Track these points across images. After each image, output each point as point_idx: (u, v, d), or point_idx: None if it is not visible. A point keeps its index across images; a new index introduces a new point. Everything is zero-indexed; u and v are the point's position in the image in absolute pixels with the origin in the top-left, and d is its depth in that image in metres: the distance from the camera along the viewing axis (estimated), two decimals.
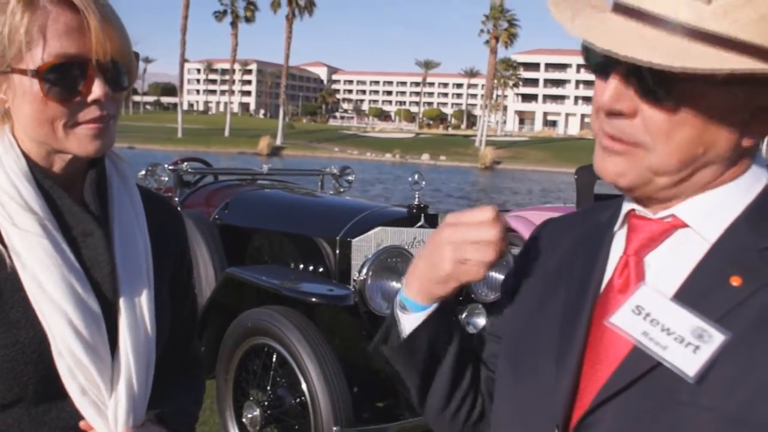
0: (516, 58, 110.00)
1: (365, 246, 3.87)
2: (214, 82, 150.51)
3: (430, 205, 4.16)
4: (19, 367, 1.09)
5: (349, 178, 5.89)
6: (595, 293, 0.98)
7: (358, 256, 3.86)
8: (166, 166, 4.99)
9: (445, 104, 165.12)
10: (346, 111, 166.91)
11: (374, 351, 1.13)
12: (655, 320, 0.88)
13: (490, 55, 65.67)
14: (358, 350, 3.67)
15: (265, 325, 3.61)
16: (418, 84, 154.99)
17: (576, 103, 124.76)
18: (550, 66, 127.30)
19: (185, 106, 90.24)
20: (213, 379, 3.95)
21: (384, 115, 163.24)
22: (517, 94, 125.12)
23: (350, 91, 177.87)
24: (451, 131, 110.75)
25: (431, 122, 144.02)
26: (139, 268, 1.22)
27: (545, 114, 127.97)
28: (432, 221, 4.02)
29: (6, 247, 1.10)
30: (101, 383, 1.13)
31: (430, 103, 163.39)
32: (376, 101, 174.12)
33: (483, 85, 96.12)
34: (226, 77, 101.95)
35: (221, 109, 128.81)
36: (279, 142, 60.18)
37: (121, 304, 1.19)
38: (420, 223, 3.96)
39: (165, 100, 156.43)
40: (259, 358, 3.71)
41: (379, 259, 3.50)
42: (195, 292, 1.53)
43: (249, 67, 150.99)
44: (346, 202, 4.85)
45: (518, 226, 8.57)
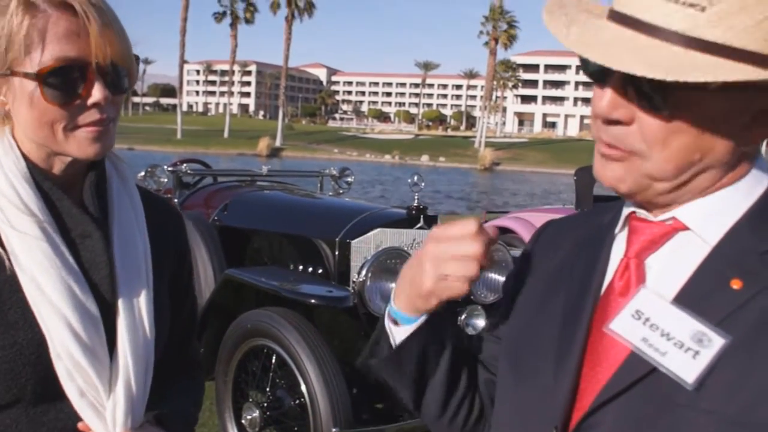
0: (515, 59, 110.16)
1: (364, 247, 3.87)
2: (213, 83, 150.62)
3: (429, 206, 4.16)
4: (17, 368, 1.09)
5: (349, 179, 5.89)
6: (596, 296, 0.98)
7: (357, 258, 3.86)
8: (166, 167, 4.98)
9: (444, 105, 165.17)
10: (346, 112, 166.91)
11: (363, 366, 1.13)
12: (654, 325, 0.88)
13: (489, 57, 65.69)
14: (357, 352, 3.67)
15: (265, 327, 3.60)
16: (417, 85, 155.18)
17: (575, 104, 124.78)
18: (549, 67, 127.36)
19: (184, 108, 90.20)
20: (212, 380, 3.95)
21: (383, 117, 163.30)
22: (517, 96, 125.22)
23: (349, 93, 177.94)
24: (450, 132, 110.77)
25: (430, 123, 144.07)
26: (138, 270, 1.22)
27: (544, 115, 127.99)
28: (431, 222, 4.02)
29: (5, 249, 1.10)
30: (99, 385, 1.13)
31: (430, 105, 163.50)
32: (375, 102, 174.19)
33: (482, 87, 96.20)
34: (226, 78, 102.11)
35: (220, 110, 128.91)
36: (278, 143, 60.23)
37: (120, 305, 1.18)
38: (419, 225, 3.96)
39: (164, 101, 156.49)
40: (259, 360, 3.71)
41: (379, 261, 3.50)
42: (195, 294, 1.52)
43: (248, 69, 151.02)
44: (346, 204, 4.85)
45: (517, 228, 8.57)
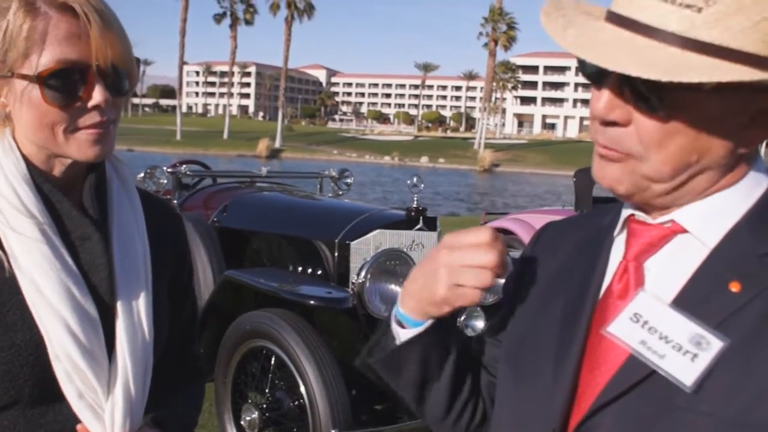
0: (515, 60, 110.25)
1: (364, 249, 3.87)
2: (213, 84, 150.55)
3: (428, 207, 4.16)
4: (16, 370, 1.09)
5: (348, 180, 5.89)
6: (595, 298, 0.98)
7: (356, 259, 3.86)
8: (165, 168, 4.97)
9: (443, 107, 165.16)
10: (345, 114, 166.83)
11: (361, 365, 1.13)
12: (653, 328, 0.87)
13: (488, 58, 65.69)
14: (356, 353, 3.65)
15: (264, 328, 3.60)
16: (416, 87, 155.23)
17: (575, 105, 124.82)
18: (548, 69, 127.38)
19: (184, 109, 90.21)
20: (211, 381, 3.95)
21: (383, 118, 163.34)
22: (516, 97, 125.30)
23: (349, 94, 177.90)
24: (449, 134, 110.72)
25: (430, 125, 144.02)
26: (138, 272, 1.22)
27: (544, 117, 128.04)
28: (431, 224, 4.03)
29: (4, 251, 1.10)
30: (98, 387, 1.13)
31: (429, 106, 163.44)
32: (374, 104, 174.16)
33: (482, 88, 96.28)
34: (225, 80, 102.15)
35: (220, 111, 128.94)
36: (278, 144, 60.27)
37: (119, 307, 1.18)
38: (419, 226, 3.96)
39: (164, 102, 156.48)
40: (258, 361, 3.71)
41: (378, 262, 3.50)
42: (195, 295, 1.52)
43: (248, 70, 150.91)
44: (345, 205, 4.85)
45: (517, 229, 8.58)
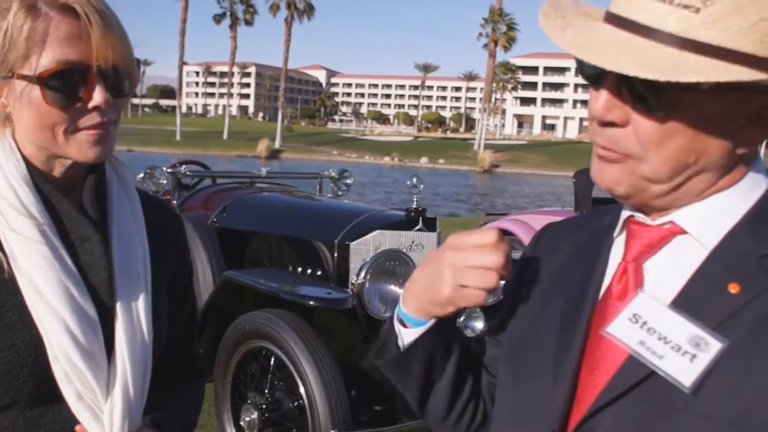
0: (515, 61, 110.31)
1: (363, 249, 3.87)
2: (212, 85, 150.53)
3: (428, 208, 4.16)
4: (15, 370, 1.09)
5: (348, 181, 5.89)
6: (594, 299, 0.98)
7: (356, 260, 3.86)
8: (165, 169, 4.97)
9: (443, 108, 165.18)
10: (345, 114, 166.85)
11: (368, 367, 1.13)
12: (652, 329, 0.87)
13: (488, 59, 65.70)
14: (355, 353, 3.66)
15: (263, 329, 3.60)
16: (416, 87, 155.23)
17: (574, 106, 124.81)
18: (548, 69, 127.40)
19: (184, 109, 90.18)
20: (211, 382, 3.95)
21: (383, 119, 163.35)
22: (516, 98, 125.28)
23: (349, 95, 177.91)
24: (449, 134, 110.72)
25: (430, 125, 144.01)
26: (137, 273, 1.22)
27: (544, 117, 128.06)
28: (430, 224, 4.03)
29: (4, 252, 1.10)
30: (97, 388, 1.13)
31: (429, 107, 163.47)
32: (374, 104, 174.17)
33: (482, 89, 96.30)
34: (225, 80, 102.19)
35: (220, 112, 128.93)
36: (277, 145, 60.27)
37: (118, 308, 1.18)
38: (418, 227, 3.96)
39: (163, 102, 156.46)
40: (257, 362, 3.71)
41: (377, 263, 3.50)
42: (195, 295, 1.52)
43: (248, 70, 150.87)
44: (345, 206, 4.85)
45: (516, 230, 8.57)
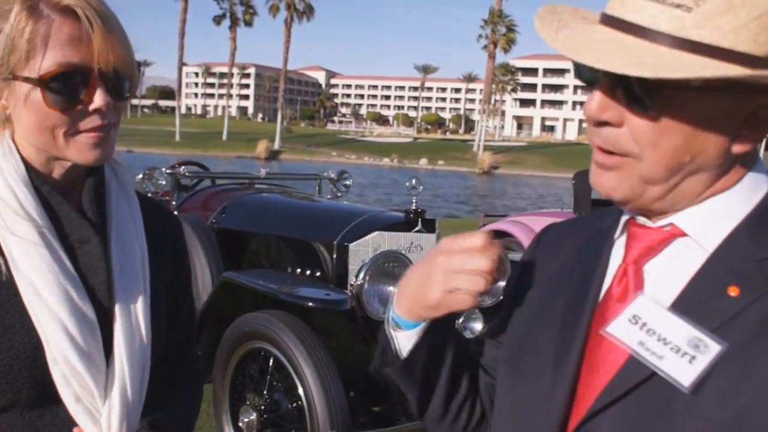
0: (514, 63, 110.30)
1: (362, 250, 3.87)
2: (212, 85, 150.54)
3: (428, 210, 4.17)
4: (13, 372, 1.09)
5: (347, 182, 5.89)
6: (594, 301, 0.98)
7: (355, 261, 3.86)
8: (164, 169, 4.97)
9: (443, 109, 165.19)
10: (345, 115, 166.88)
11: (376, 373, 1.12)
12: (651, 330, 0.87)
13: (488, 60, 65.74)
14: (354, 355, 3.67)
15: (262, 330, 3.60)
16: (416, 89, 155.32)
17: (574, 108, 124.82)
18: (548, 71, 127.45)
19: (183, 110, 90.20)
20: (209, 383, 3.94)
21: (382, 120, 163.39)
22: (515, 99, 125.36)
23: (348, 96, 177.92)
24: (449, 136, 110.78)
25: (429, 127, 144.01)
26: (136, 275, 1.22)
27: (543, 119, 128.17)
28: (429, 226, 4.03)
29: (2, 254, 1.10)
30: (95, 390, 1.13)
31: (429, 108, 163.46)
32: (374, 106, 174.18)
33: (481, 90, 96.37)
34: (225, 81, 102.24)
35: (219, 112, 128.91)
36: (277, 146, 60.29)
37: (117, 310, 1.18)
38: (417, 228, 3.96)
39: (163, 103, 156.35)
40: (256, 363, 3.70)
41: (376, 264, 3.50)
42: (193, 297, 1.52)
43: (247, 71, 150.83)
44: (344, 207, 4.85)
45: (515, 231, 8.58)
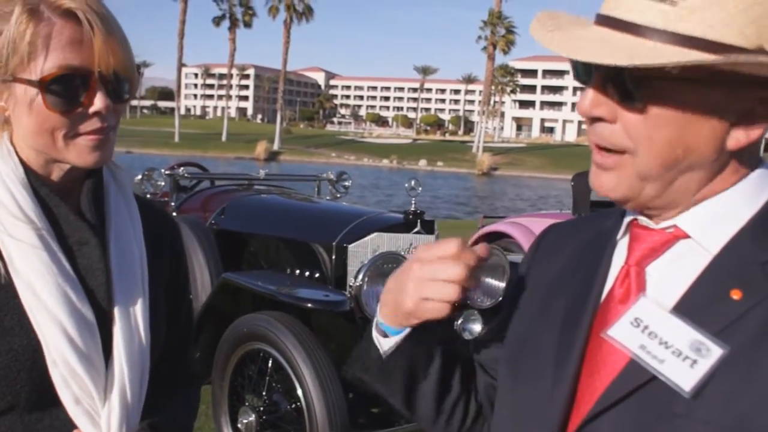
0: (514, 64, 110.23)
1: (361, 252, 3.87)
2: (211, 86, 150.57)
3: (428, 211, 4.17)
4: (13, 375, 1.09)
5: (346, 183, 5.89)
6: (596, 302, 0.98)
7: (354, 262, 3.86)
8: (163, 170, 4.96)
9: (442, 110, 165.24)
10: (344, 116, 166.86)
11: (350, 375, 1.12)
12: (653, 333, 0.87)
13: (487, 62, 65.74)
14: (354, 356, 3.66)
15: (261, 331, 3.60)
16: (415, 90, 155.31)
17: (573, 109, 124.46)
18: (547, 73, 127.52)
19: (182, 111, 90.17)
20: (208, 384, 3.94)
21: (381, 121, 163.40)
22: (515, 101, 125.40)
23: (348, 97, 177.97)
24: (448, 137, 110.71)
25: (428, 128, 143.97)
26: (135, 277, 1.22)
27: (542, 120, 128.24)
28: (428, 227, 4.03)
29: (1, 256, 1.10)
30: (95, 392, 1.13)
31: (428, 109, 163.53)
32: (373, 107, 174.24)
33: (480, 92, 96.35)
34: (224, 82, 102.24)
35: (218, 113, 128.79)
36: (276, 147, 60.26)
37: (116, 312, 1.18)
38: (416, 229, 3.96)
39: (162, 104, 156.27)
40: (255, 364, 3.70)
41: (375, 265, 3.49)
42: (191, 298, 1.52)
43: (247, 72, 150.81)
44: (343, 208, 4.85)
45: (514, 233, 8.56)
